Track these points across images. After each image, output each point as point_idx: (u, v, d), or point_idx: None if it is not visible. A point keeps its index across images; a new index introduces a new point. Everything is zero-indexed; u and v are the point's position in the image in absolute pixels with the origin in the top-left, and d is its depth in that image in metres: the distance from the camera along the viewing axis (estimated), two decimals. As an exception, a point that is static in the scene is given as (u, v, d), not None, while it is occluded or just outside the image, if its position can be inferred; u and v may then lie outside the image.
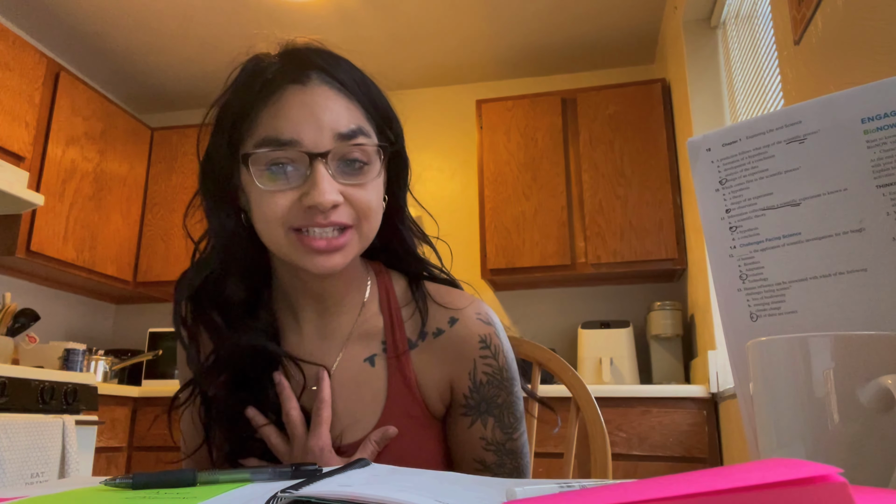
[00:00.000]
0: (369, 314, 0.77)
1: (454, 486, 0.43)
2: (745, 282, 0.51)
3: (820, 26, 1.27)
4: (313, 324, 0.77)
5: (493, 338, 0.76)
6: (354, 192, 0.67)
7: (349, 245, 0.68)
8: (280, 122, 0.66)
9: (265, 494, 0.41)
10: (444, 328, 0.75)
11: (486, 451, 0.74)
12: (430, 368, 0.75)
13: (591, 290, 3.27)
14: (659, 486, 0.23)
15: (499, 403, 0.75)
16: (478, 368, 0.74)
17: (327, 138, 0.66)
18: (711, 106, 2.52)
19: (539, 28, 3.18)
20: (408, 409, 0.73)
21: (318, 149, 0.65)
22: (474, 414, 0.74)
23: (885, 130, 0.45)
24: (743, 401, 0.50)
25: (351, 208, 0.67)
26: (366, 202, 0.68)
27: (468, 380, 0.74)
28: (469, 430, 0.75)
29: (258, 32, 0.79)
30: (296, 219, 0.66)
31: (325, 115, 0.67)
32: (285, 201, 0.66)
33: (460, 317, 0.75)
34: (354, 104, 0.70)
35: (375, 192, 0.69)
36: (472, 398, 0.74)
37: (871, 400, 0.36)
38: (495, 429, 0.74)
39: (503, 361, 0.76)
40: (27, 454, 2.03)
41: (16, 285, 3.09)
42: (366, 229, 0.69)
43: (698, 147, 0.53)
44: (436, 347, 0.75)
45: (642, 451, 2.39)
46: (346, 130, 0.67)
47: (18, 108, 2.73)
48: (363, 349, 0.75)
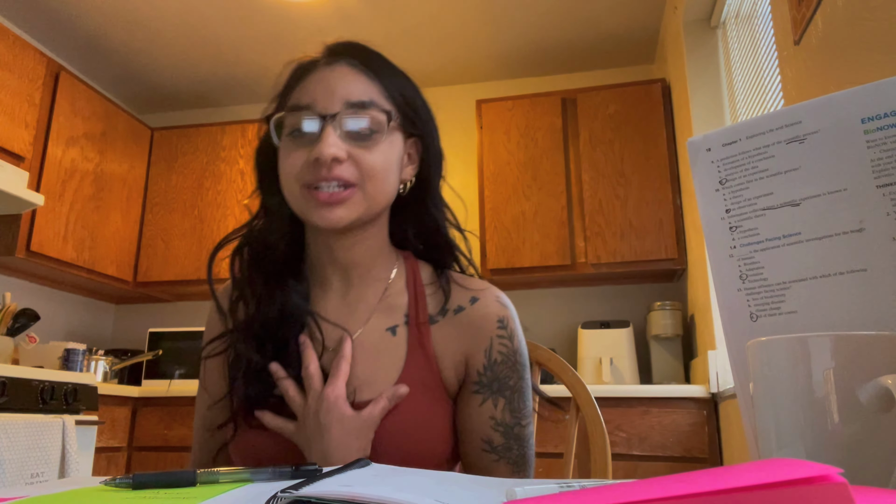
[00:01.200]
0: (395, 290, 0.82)
1: (454, 486, 0.43)
2: (745, 282, 0.51)
3: (820, 26, 1.27)
4: (339, 294, 0.81)
5: (509, 321, 0.79)
6: (360, 152, 0.73)
7: (352, 201, 0.73)
8: (301, 93, 0.76)
9: (265, 494, 0.41)
10: (465, 306, 0.79)
11: (495, 432, 0.76)
12: (448, 342, 0.78)
13: (591, 290, 3.27)
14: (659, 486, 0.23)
15: (510, 385, 0.77)
16: (494, 347, 0.78)
17: (338, 104, 0.74)
18: (711, 106, 2.52)
19: (539, 28, 3.18)
20: (424, 378, 0.76)
21: (329, 111, 0.73)
22: (486, 392, 0.77)
23: (885, 130, 0.45)
24: (743, 401, 0.50)
25: (355, 168, 0.73)
26: (370, 163, 0.73)
27: (483, 357, 0.77)
28: (480, 408, 0.77)
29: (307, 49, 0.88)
30: (305, 174, 0.73)
31: (339, 86, 0.75)
32: (299, 159, 0.73)
33: (481, 297, 0.80)
34: (375, 84, 0.77)
35: (382, 157, 0.75)
36: (485, 375, 0.77)
37: (871, 400, 0.36)
38: (505, 410, 0.77)
39: (517, 345, 0.79)
40: (27, 454, 2.03)
41: (16, 285, 3.09)
42: (370, 189, 0.74)
43: (698, 147, 0.53)
44: (455, 323, 0.79)
45: (642, 451, 2.39)
46: (355, 100, 0.74)
47: (18, 108, 2.73)
48: (386, 319, 0.80)
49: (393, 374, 0.76)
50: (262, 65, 3.51)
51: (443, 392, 0.77)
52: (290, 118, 0.75)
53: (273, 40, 3.29)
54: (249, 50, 3.37)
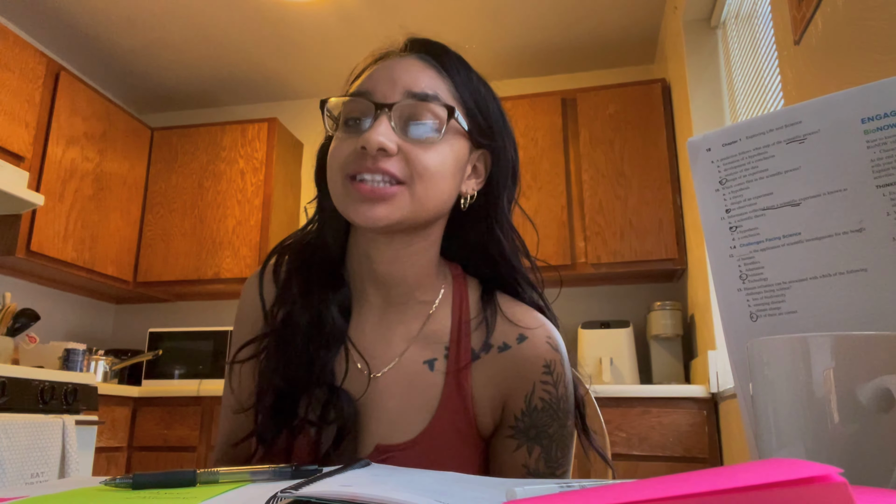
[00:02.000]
0: (439, 318, 0.74)
1: (454, 486, 0.43)
2: (745, 282, 0.51)
3: (820, 26, 1.26)
4: (378, 313, 0.75)
5: (557, 365, 0.72)
6: (413, 148, 0.66)
7: (396, 199, 0.66)
8: (365, 80, 0.70)
9: (265, 494, 0.41)
10: (511, 344, 0.72)
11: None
12: (488, 383, 0.72)
13: (591, 290, 3.27)
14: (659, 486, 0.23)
15: (549, 434, 0.71)
16: (536, 392, 0.71)
17: (398, 93, 0.67)
18: (711, 106, 2.52)
19: (539, 28, 3.18)
20: (456, 422, 0.70)
21: (386, 100, 0.67)
22: (522, 438, 0.71)
23: (885, 130, 0.45)
24: (743, 401, 0.50)
25: (405, 164, 0.66)
26: (422, 161, 0.66)
27: (523, 402, 0.71)
28: (513, 454, 0.71)
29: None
30: (350, 164, 0.66)
31: (403, 76, 0.68)
32: (348, 148, 0.67)
33: (530, 336, 0.72)
34: (444, 80, 0.70)
35: (439, 158, 0.67)
36: (522, 421, 0.71)
37: (871, 400, 0.36)
38: (539, 460, 0.71)
39: (563, 392, 0.72)
40: (27, 454, 2.03)
41: (16, 285, 3.09)
42: (419, 190, 0.66)
43: (698, 147, 0.53)
44: (498, 362, 0.72)
45: (642, 451, 2.39)
46: (418, 91, 0.67)
47: (18, 108, 2.73)
48: (425, 351, 0.73)
49: (425, 415, 0.70)
50: (262, 65, 3.51)
51: (475, 435, 0.71)
52: (347, 105, 0.69)
53: (273, 40, 3.29)
54: (250, 50, 3.37)
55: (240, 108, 3.93)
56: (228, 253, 3.33)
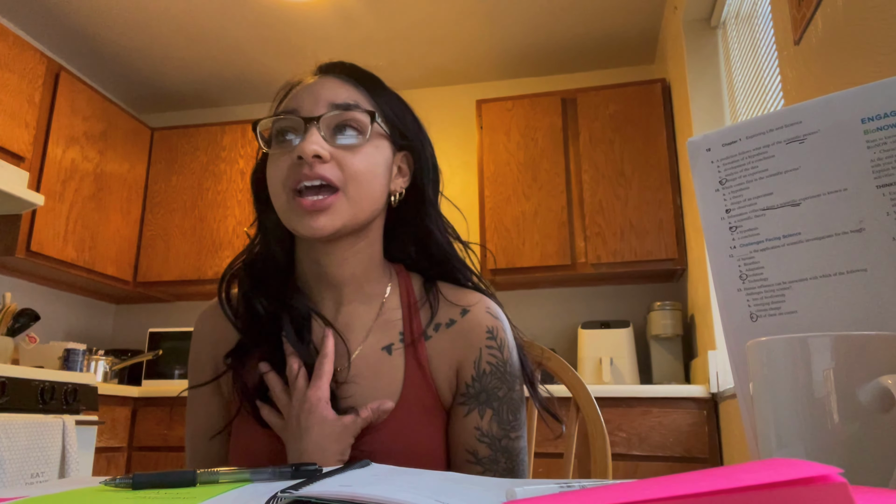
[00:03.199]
0: (390, 307, 0.81)
1: (454, 486, 0.43)
2: (745, 282, 0.51)
3: (820, 26, 1.26)
4: (332, 314, 0.80)
5: (499, 331, 0.79)
6: (343, 154, 0.73)
7: (335, 207, 0.72)
8: (289, 100, 0.78)
9: (265, 494, 0.41)
10: (455, 319, 0.79)
11: (480, 443, 0.75)
12: (442, 357, 0.78)
13: (591, 290, 3.27)
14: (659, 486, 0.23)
15: (499, 397, 0.76)
16: (483, 357, 0.77)
17: (322, 106, 0.74)
18: (711, 106, 2.52)
19: (539, 28, 3.18)
20: (422, 397, 0.76)
21: (312, 114, 0.74)
22: (472, 403, 0.76)
23: (885, 130, 0.45)
24: (743, 401, 0.50)
25: (339, 169, 0.73)
26: (353, 165, 0.73)
27: (472, 368, 0.77)
28: (465, 419, 0.76)
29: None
30: (290, 176, 0.72)
31: (325, 91, 0.76)
32: (285, 163, 0.73)
33: (472, 308, 0.80)
34: (361, 92, 0.78)
35: (368, 161, 0.75)
36: (472, 387, 0.77)
37: (871, 400, 0.36)
38: (492, 422, 0.76)
39: (507, 356, 0.78)
40: (27, 454, 2.03)
41: (16, 285, 3.09)
42: (353, 193, 0.73)
43: (698, 147, 0.53)
44: (447, 337, 0.78)
45: (642, 451, 2.39)
46: (340, 102, 0.75)
47: (18, 108, 2.73)
48: (382, 338, 0.79)
49: (393, 397, 0.75)
50: (262, 65, 3.51)
51: (439, 408, 0.77)
52: (276, 124, 0.76)
53: (273, 40, 3.29)
54: (250, 50, 3.37)
55: (240, 108, 3.93)
56: (228, 253, 3.33)
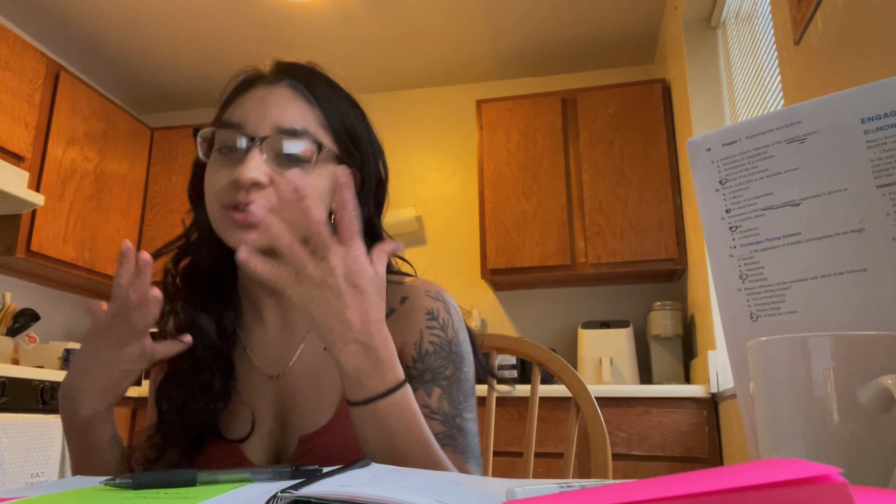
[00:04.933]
0: None
1: (454, 486, 0.43)
2: (745, 282, 0.51)
3: (820, 26, 1.26)
4: (275, 318, 0.79)
5: (441, 312, 0.77)
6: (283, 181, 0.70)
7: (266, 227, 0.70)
8: (235, 109, 0.73)
9: (265, 494, 0.41)
10: (395, 307, 0.77)
11: (432, 420, 0.72)
12: None
13: (591, 290, 3.27)
14: (659, 486, 0.23)
15: (447, 375, 0.74)
16: (424, 338, 0.75)
17: (268, 127, 0.70)
18: (711, 106, 2.52)
19: (539, 28, 3.18)
20: None
21: (257, 134, 0.70)
22: (416, 383, 0.74)
23: (885, 130, 0.45)
24: (743, 401, 0.50)
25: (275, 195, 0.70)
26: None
27: (413, 349, 0.75)
28: None
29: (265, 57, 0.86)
30: (225, 195, 0.69)
31: (274, 110, 0.71)
32: (222, 178, 0.70)
33: (410, 294, 0.78)
34: (313, 110, 0.73)
35: (307, 189, 0.70)
36: (415, 368, 0.74)
37: (871, 400, 0.36)
38: (442, 399, 0.73)
39: (452, 335, 0.76)
40: (27, 454, 2.03)
41: (16, 285, 3.09)
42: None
43: (698, 147, 0.53)
44: (388, 326, 0.76)
45: (642, 451, 2.39)
46: (288, 127, 0.70)
47: (18, 108, 2.73)
48: None
49: (335, 396, 0.73)
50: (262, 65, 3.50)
51: None
52: (219, 134, 0.72)
53: (273, 40, 3.29)
54: (250, 50, 3.37)
55: (240, 108, 3.93)
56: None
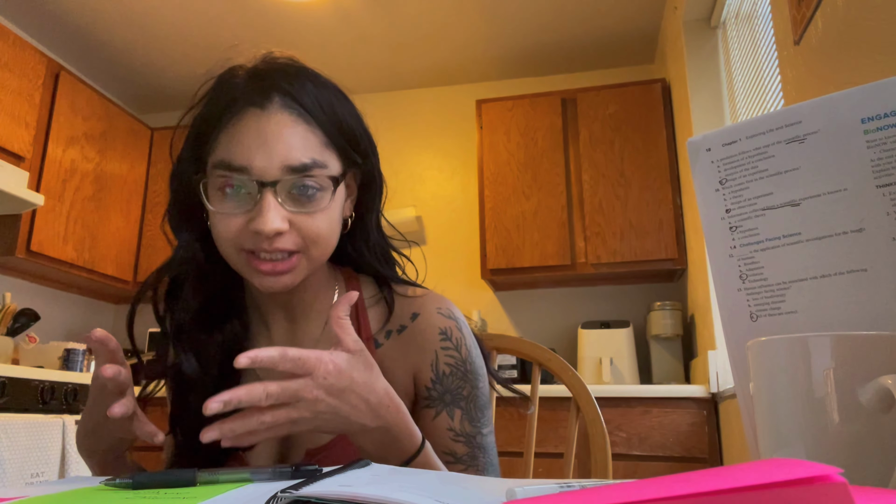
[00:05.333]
0: None
1: (454, 486, 0.43)
2: (745, 282, 0.51)
3: (820, 26, 1.26)
4: (283, 331, 0.79)
5: (454, 331, 0.77)
6: (303, 220, 0.68)
7: (296, 269, 0.69)
8: (234, 147, 0.67)
9: (265, 494, 0.41)
10: (406, 324, 0.77)
11: (456, 443, 0.73)
12: (394, 365, 0.75)
13: (591, 290, 3.27)
14: (659, 486, 0.23)
15: (464, 396, 0.75)
16: (440, 359, 0.75)
17: (276, 168, 0.66)
18: (711, 106, 2.52)
19: (539, 28, 3.18)
20: None
21: (267, 178, 0.66)
22: (438, 405, 0.74)
23: (885, 130, 0.45)
24: (743, 401, 0.50)
25: (298, 236, 0.68)
26: (314, 230, 0.68)
27: (430, 371, 0.75)
28: (434, 422, 0.74)
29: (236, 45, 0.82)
30: (245, 241, 0.68)
31: (278, 146, 0.67)
32: (236, 224, 0.67)
33: (421, 311, 0.77)
34: (314, 130, 0.69)
35: (326, 220, 0.69)
36: (434, 389, 0.74)
37: (871, 400, 0.36)
38: (463, 421, 0.74)
39: (465, 354, 0.76)
40: (27, 454, 2.03)
41: (16, 285, 3.09)
42: (314, 254, 0.70)
43: (698, 147, 0.53)
44: (399, 343, 0.76)
45: (642, 451, 2.39)
46: (297, 164, 0.67)
47: (18, 108, 2.72)
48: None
49: None
50: (262, 65, 3.51)
51: None
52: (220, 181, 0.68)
53: (273, 40, 3.28)
54: (249, 50, 3.37)
55: (240, 108, 3.93)
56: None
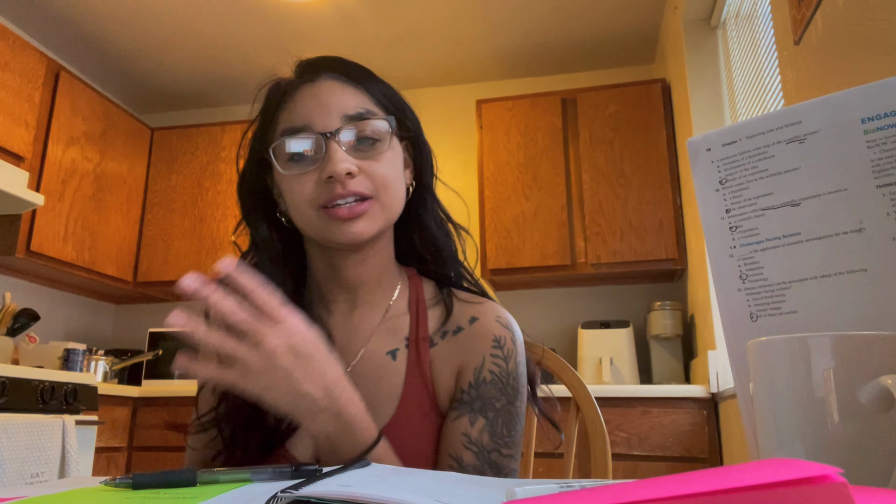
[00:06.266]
0: (397, 311, 0.80)
1: (454, 486, 0.43)
2: (745, 282, 0.51)
3: (820, 26, 1.26)
4: (344, 314, 0.79)
5: (507, 341, 0.76)
6: (370, 164, 0.72)
7: (371, 213, 0.72)
8: (293, 114, 0.74)
9: (265, 494, 0.41)
10: (463, 326, 0.77)
11: (466, 450, 0.70)
12: (444, 364, 0.75)
13: (591, 290, 3.27)
14: (659, 486, 0.23)
15: (496, 408, 0.72)
16: (485, 366, 0.74)
17: (336, 119, 0.72)
18: (711, 106, 2.52)
19: (539, 28, 3.18)
20: (421, 405, 0.74)
21: (329, 129, 0.71)
22: (464, 409, 0.72)
23: (885, 130, 0.45)
24: (743, 401, 0.50)
25: (368, 180, 0.72)
26: (382, 173, 0.72)
27: (472, 375, 0.74)
28: (452, 423, 0.72)
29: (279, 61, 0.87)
30: (320, 195, 0.71)
31: (333, 101, 0.73)
32: (309, 182, 0.72)
33: (480, 316, 0.77)
34: (363, 93, 0.75)
35: (392, 166, 0.74)
36: (468, 393, 0.73)
37: (871, 400, 0.36)
38: (484, 432, 0.71)
39: (512, 367, 0.75)
40: (27, 454, 2.03)
41: (16, 285, 3.09)
42: (385, 199, 0.73)
43: (698, 147, 0.53)
44: (453, 344, 0.76)
45: (642, 451, 2.39)
46: (353, 112, 0.73)
47: (18, 108, 2.72)
48: (388, 342, 0.77)
49: (392, 402, 0.74)
50: (262, 64, 3.51)
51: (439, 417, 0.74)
52: (287, 143, 0.72)
53: (273, 40, 3.29)
54: (249, 50, 3.37)
55: (240, 108, 3.93)
56: (229, 253, 3.33)
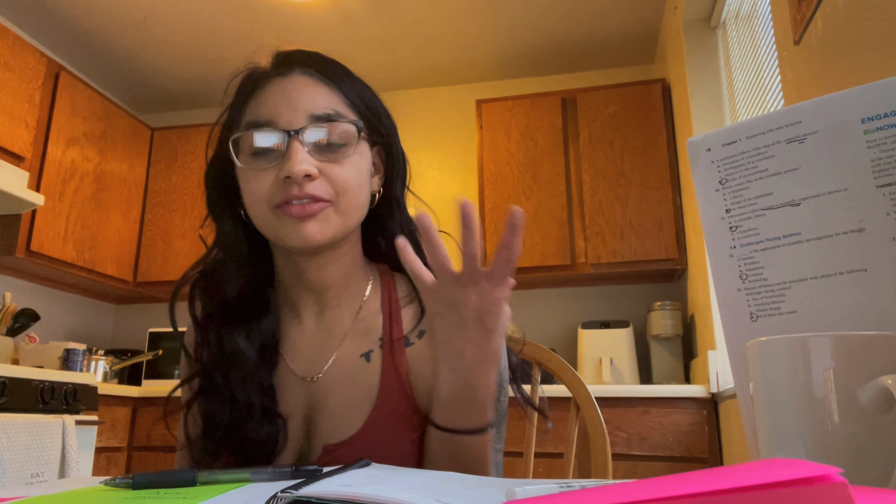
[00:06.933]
0: (370, 311, 0.77)
1: (454, 486, 0.43)
2: (745, 282, 0.51)
3: (820, 26, 1.26)
4: (314, 318, 0.77)
5: None
6: (332, 167, 0.69)
7: (324, 216, 0.69)
8: (260, 107, 0.71)
9: (265, 494, 0.41)
10: None
11: None
12: (422, 364, 0.74)
13: (591, 290, 3.27)
14: (659, 486, 0.23)
15: None
16: None
17: (301, 117, 0.69)
18: (711, 106, 2.52)
19: (539, 28, 3.18)
20: (398, 408, 0.72)
21: (293, 126, 0.69)
22: None
23: (885, 130, 0.45)
24: (743, 401, 0.50)
25: (328, 183, 0.69)
26: (342, 178, 0.69)
27: None
28: None
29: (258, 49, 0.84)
30: (276, 195, 0.68)
31: (301, 99, 0.70)
32: (267, 180, 0.69)
33: None
34: (335, 93, 0.72)
35: (354, 171, 0.71)
36: None
37: (871, 400, 0.36)
38: None
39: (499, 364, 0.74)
40: (27, 454, 2.03)
41: (16, 285, 3.09)
42: (343, 205, 0.70)
43: (698, 147, 0.53)
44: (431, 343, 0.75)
45: (642, 451, 2.39)
46: (321, 112, 0.70)
47: (18, 108, 2.72)
48: (361, 345, 0.75)
49: (367, 406, 0.72)
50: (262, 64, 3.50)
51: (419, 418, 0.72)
52: (248, 138, 0.70)
53: (273, 40, 3.28)
54: (250, 49, 3.37)
55: (240, 108, 3.93)
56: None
